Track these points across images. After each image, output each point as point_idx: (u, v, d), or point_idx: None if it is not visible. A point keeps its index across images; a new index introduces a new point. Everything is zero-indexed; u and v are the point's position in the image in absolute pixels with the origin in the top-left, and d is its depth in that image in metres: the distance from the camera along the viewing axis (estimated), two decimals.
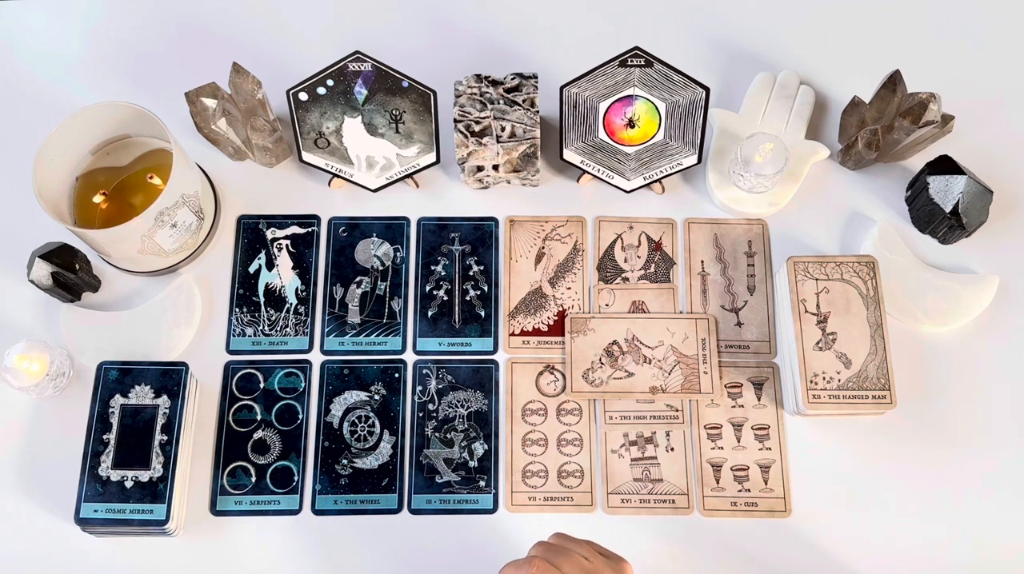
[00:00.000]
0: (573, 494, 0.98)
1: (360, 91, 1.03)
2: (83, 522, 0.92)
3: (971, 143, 1.09)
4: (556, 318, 1.04)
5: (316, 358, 1.03)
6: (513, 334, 1.04)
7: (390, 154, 1.06)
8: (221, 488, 0.98)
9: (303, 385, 1.02)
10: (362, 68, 1.02)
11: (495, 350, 1.03)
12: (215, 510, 0.98)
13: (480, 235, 1.08)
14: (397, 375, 1.02)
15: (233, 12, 1.18)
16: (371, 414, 1.01)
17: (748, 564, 0.96)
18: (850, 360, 0.96)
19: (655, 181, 1.07)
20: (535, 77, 1.03)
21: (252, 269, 1.06)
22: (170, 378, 0.96)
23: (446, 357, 1.03)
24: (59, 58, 1.16)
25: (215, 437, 1.00)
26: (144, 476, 0.93)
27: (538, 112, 1.02)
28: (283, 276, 1.06)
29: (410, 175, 1.07)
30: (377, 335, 1.04)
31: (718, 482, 0.98)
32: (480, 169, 1.06)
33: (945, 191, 1.02)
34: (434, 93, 1.03)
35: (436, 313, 1.05)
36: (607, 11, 1.17)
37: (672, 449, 0.99)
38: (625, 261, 1.06)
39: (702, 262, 1.06)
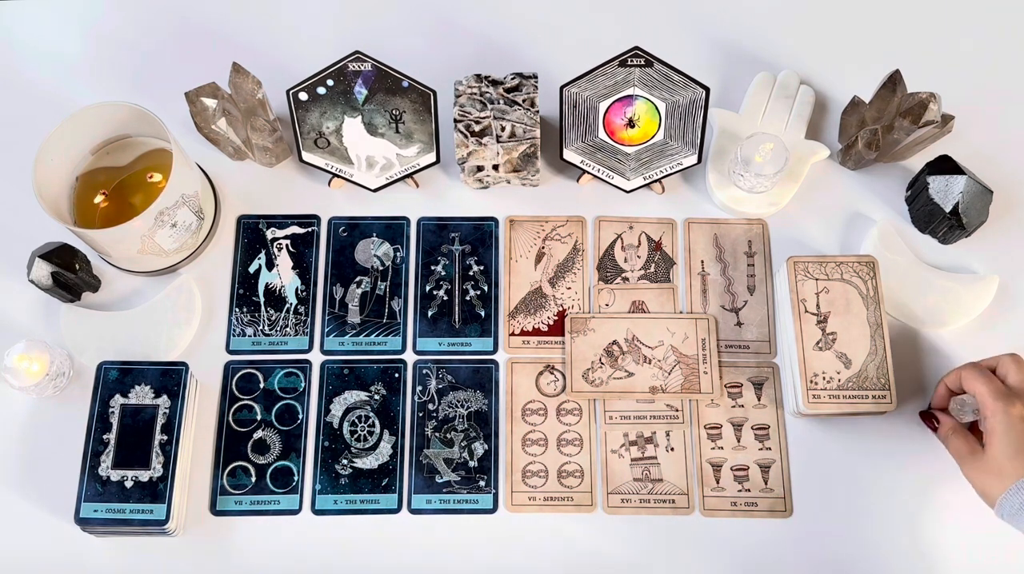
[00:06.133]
0: (573, 494, 0.98)
1: (360, 91, 1.03)
2: (83, 522, 0.92)
3: (971, 143, 1.09)
4: (556, 318, 1.04)
5: (316, 358, 1.03)
6: (513, 334, 1.04)
7: (390, 154, 1.06)
8: (221, 488, 0.98)
9: (303, 385, 1.02)
10: (362, 68, 1.02)
11: (495, 350, 1.03)
12: (215, 510, 0.98)
13: (480, 235, 1.08)
14: (397, 375, 1.02)
15: (233, 12, 1.18)
16: (371, 414, 1.01)
17: (748, 564, 0.96)
18: (850, 360, 0.96)
19: (655, 181, 1.07)
20: (535, 77, 1.03)
21: (252, 269, 1.06)
22: (170, 378, 0.96)
23: (446, 357, 1.03)
24: (59, 58, 1.16)
25: (215, 437, 1.00)
26: (144, 476, 0.93)
27: (538, 112, 1.02)
28: (283, 276, 1.06)
29: (410, 175, 1.07)
30: (377, 335, 1.04)
31: (718, 482, 0.98)
32: (480, 169, 1.06)
33: (945, 191, 1.02)
34: (434, 93, 1.03)
35: (436, 313, 1.05)
36: (607, 11, 1.17)
37: (672, 449, 0.99)
38: (625, 261, 1.06)
39: (702, 262, 1.06)
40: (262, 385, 1.02)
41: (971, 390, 0.90)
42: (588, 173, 1.07)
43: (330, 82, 1.02)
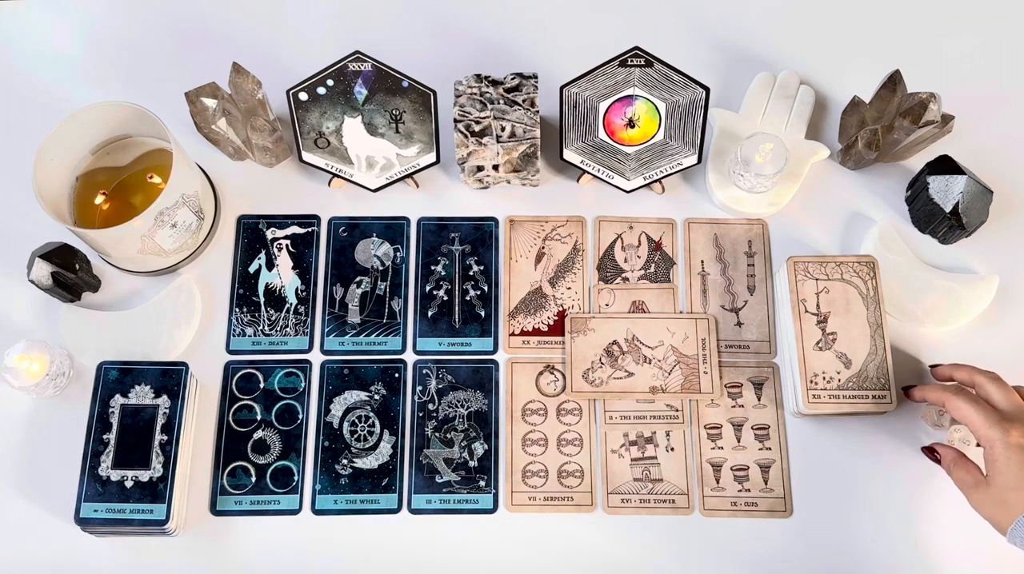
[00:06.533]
0: (573, 494, 0.98)
1: (360, 91, 1.03)
2: (83, 522, 0.92)
3: (971, 143, 1.09)
4: (556, 318, 1.04)
5: (316, 358, 1.03)
6: (513, 334, 1.04)
7: (390, 154, 1.06)
8: (221, 488, 0.98)
9: (303, 385, 1.02)
10: (362, 68, 1.02)
11: (495, 350, 1.03)
12: (215, 510, 0.98)
13: (480, 235, 1.08)
14: (397, 375, 1.02)
15: (233, 12, 1.18)
16: (371, 414, 1.01)
17: (748, 564, 0.96)
18: (850, 360, 0.96)
19: (655, 181, 1.07)
20: (535, 77, 1.03)
21: (252, 269, 1.06)
22: (170, 378, 0.96)
23: (446, 357, 1.03)
24: (59, 58, 1.16)
25: (215, 437, 1.00)
26: (144, 476, 0.93)
27: (538, 112, 1.02)
28: (283, 276, 1.06)
29: (410, 175, 1.07)
30: (377, 335, 1.04)
31: (718, 482, 0.98)
32: (480, 169, 1.06)
33: (945, 191, 1.02)
34: (434, 93, 1.03)
35: (436, 313, 1.05)
36: (607, 11, 1.17)
37: (672, 449, 0.99)
38: (625, 261, 1.06)
39: (702, 262, 1.06)
40: (262, 385, 1.02)
41: (962, 419, 0.88)
42: (588, 173, 1.07)
43: (330, 82, 1.02)
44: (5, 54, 1.16)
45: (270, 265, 1.06)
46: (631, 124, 1.05)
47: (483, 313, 1.05)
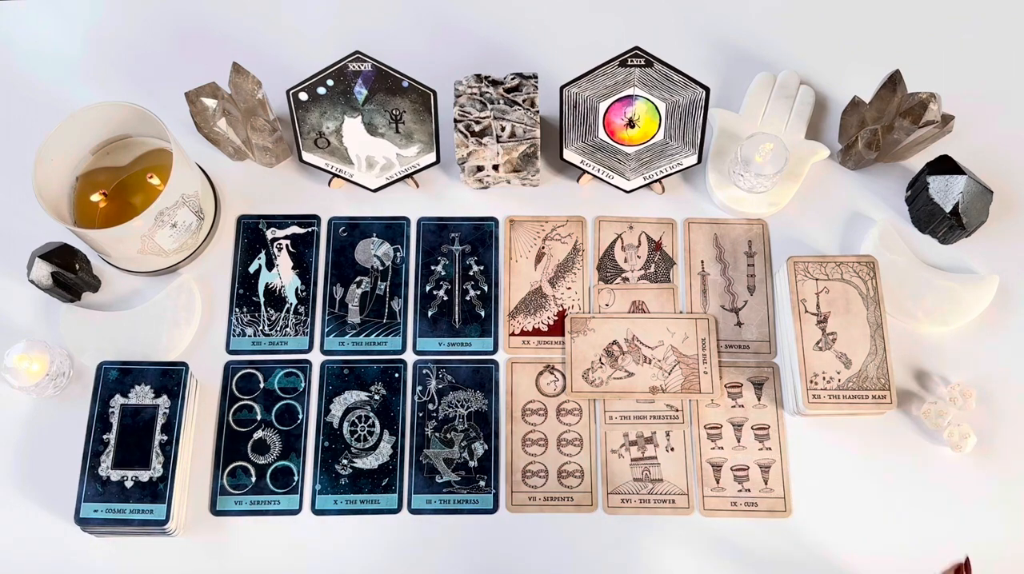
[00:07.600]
0: (573, 494, 0.98)
1: (360, 91, 1.03)
2: (83, 522, 0.92)
3: (971, 143, 1.09)
4: (556, 318, 1.04)
5: (316, 358, 1.03)
6: (513, 334, 1.04)
7: (390, 154, 1.06)
8: (221, 488, 0.98)
9: (303, 385, 1.02)
10: (362, 68, 1.02)
11: (495, 350, 1.03)
12: (215, 510, 0.98)
13: (480, 235, 1.08)
14: (397, 375, 1.02)
15: (233, 12, 1.18)
16: (371, 414, 1.01)
17: (748, 564, 0.96)
18: (850, 360, 0.96)
19: (655, 181, 1.07)
20: (535, 77, 1.03)
21: (252, 269, 1.06)
22: (170, 378, 0.96)
23: (446, 357, 1.03)
24: (59, 58, 1.16)
25: (215, 437, 1.00)
26: (144, 476, 0.93)
27: (538, 112, 1.02)
28: (283, 276, 1.06)
29: (410, 175, 1.07)
30: (377, 335, 1.04)
31: (718, 482, 0.98)
32: (480, 169, 1.06)
33: (945, 191, 1.02)
34: (434, 93, 1.03)
35: (436, 313, 1.05)
36: (607, 11, 1.17)
37: (672, 449, 0.99)
38: (625, 261, 1.06)
39: (702, 262, 1.06)
40: (262, 385, 1.02)
41: None
42: (588, 173, 1.07)
43: (330, 82, 1.02)
44: (5, 54, 1.16)
45: (270, 265, 1.06)
46: (631, 124, 1.05)
47: (483, 313, 1.05)
